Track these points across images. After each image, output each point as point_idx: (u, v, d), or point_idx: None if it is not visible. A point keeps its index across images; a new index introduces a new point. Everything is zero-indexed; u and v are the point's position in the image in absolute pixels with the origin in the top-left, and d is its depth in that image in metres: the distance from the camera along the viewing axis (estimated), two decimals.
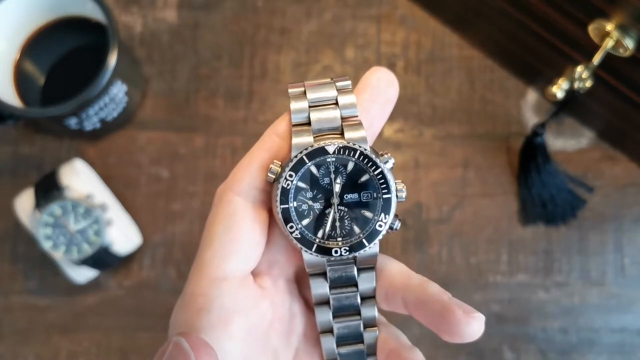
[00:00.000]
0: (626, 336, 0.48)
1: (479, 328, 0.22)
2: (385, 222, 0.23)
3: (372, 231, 0.24)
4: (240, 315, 0.24)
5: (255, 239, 0.24)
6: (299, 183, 0.24)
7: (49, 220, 0.46)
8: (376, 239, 0.24)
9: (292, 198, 0.23)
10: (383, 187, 0.24)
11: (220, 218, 0.24)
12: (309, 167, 0.23)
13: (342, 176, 0.24)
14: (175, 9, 0.53)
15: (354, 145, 0.23)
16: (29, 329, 0.49)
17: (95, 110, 0.46)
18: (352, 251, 0.24)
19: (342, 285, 0.25)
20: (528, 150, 0.49)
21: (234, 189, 0.24)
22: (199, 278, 0.24)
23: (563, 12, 0.40)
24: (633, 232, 0.49)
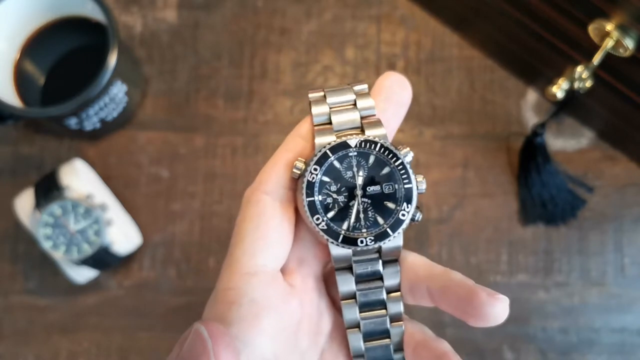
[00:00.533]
0: (626, 336, 0.48)
1: (504, 310, 0.23)
2: (408, 212, 0.24)
3: (395, 221, 0.24)
4: (270, 311, 0.24)
5: (284, 236, 0.25)
6: (324, 177, 0.24)
7: (49, 220, 0.46)
8: (400, 229, 0.24)
9: (317, 191, 0.24)
10: (404, 177, 0.25)
11: (250, 216, 0.25)
12: (332, 161, 0.24)
13: (364, 169, 0.25)
14: (175, 9, 0.53)
15: (375, 139, 0.24)
16: (29, 329, 0.49)
17: (95, 110, 0.46)
18: (377, 240, 0.24)
19: (368, 279, 0.25)
20: (528, 150, 0.49)
21: (261, 188, 0.25)
22: (230, 273, 0.25)
23: (563, 12, 0.40)
24: (633, 232, 0.49)
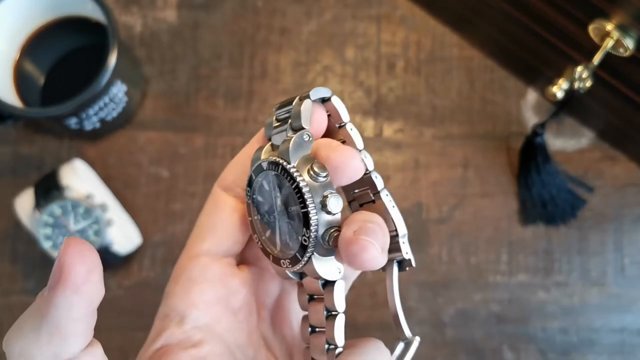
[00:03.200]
0: (626, 336, 0.48)
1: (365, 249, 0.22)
2: (307, 237, 0.22)
3: (300, 246, 0.23)
4: (203, 287, 0.26)
5: (232, 226, 0.26)
6: (258, 197, 0.24)
7: (49, 220, 0.46)
8: (305, 255, 0.23)
9: (256, 212, 0.25)
10: (299, 199, 0.22)
11: (206, 207, 0.27)
12: (261, 182, 0.24)
13: (280, 189, 0.23)
14: (175, 9, 0.53)
15: (278, 159, 0.23)
16: None
17: (95, 110, 0.46)
18: (294, 264, 0.23)
19: (313, 294, 0.25)
20: (528, 150, 0.49)
21: (220, 184, 0.27)
22: (180, 257, 0.27)
23: (563, 12, 0.40)
24: (633, 232, 0.49)
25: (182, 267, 0.27)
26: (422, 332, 0.48)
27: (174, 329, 0.26)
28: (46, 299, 0.21)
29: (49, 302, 0.21)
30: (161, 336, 0.26)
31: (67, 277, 0.21)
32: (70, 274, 0.21)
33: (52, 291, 0.21)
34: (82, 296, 0.21)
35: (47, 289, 0.21)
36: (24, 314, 0.22)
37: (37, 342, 0.21)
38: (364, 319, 0.49)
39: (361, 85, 0.52)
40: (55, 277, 0.21)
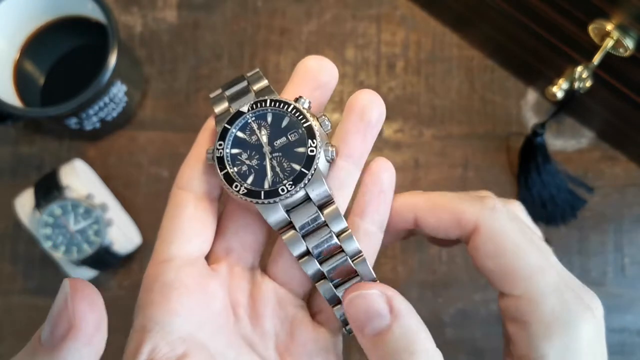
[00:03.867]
0: (626, 336, 0.48)
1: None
2: (314, 146, 0.24)
3: (306, 159, 0.24)
4: (182, 292, 0.24)
5: (199, 225, 0.26)
6: (232, 150, 0.25)
7: (49, 220, 0.46)
8: (313, 164, 0.24)
9: (230, 164, 0.25)
10: (301, 119, 0.25)
11: (167, 211, 0.26)
12: (235, 133, 0.25)
13: (265, 128, 0.25)
14: (175, 9, 0.53)
15: (264, 97, 0.25)
16: (29, 329, 0.49)
17: (95, 110, 0.46)
18: (296, 183, 0.24)
19: (314, 229, 0.25)
20: (528, 150, 0.49)
21: (177, 184, 0.26)
22: (149, 265, 0.26)
23: (563, 12, 0.40)
24: (633, 232, 0.49)
25: (154, 273, 0.25)
26: None
27: (158, 341, 0.24)
28: (53, 349, 0.19)
29: (56, 354, 0.19)
30: (142, 350, 0.24)
31: (79, 328, 0.20)
32: (82, 325, 0.20)
33: (62, 343, 0.19)
34: (92, 348, 0.20)
35: (51, 336, 0.20)
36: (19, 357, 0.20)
37: None
38: None
39: (361, 85, 0.52)
40: (63, 326, 0.20)
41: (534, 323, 0.24)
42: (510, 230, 0.26)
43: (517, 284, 0.25)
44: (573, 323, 0.24)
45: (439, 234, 0.27)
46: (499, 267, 0.25)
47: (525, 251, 0.25)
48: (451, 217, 0.26)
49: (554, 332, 0.24)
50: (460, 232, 0.26)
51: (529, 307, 0.25)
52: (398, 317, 0.23)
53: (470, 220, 0.26)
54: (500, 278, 0.25)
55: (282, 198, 0.24)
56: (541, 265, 0.25)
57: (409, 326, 0.24)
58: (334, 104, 0.51)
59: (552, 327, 0.24)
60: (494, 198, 0.27)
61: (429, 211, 0.26)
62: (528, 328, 0.25)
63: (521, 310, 0.25)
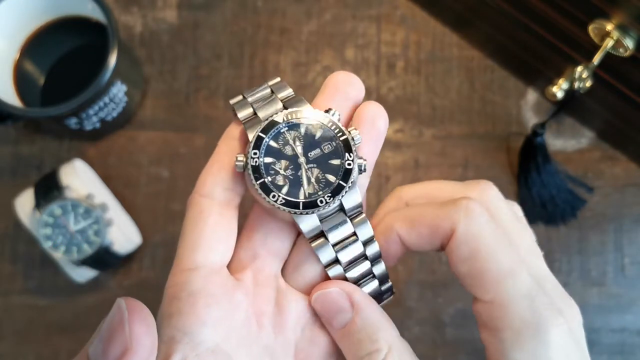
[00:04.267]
0: (626, 336, 0.48)
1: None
2: (352, 160, 0.25)
3: (344, 172, 0.25)
4: (209, 302, 0.24)
5: (223, 233, 0.26)
6: (266, 159, 0.25)
7: (49, 220, 0.46)
8: (351, 177, 0.25)
9: (265, 173, 0.25)
10: (338, 132, 0.25)
11: (188, 218, 0.26)
12: (269, 142, 0.25)
13: (299, 139, 0.25)
14: (175, 9, 0.53)
15: (298, 108, 0.26)
16: (29, 329, 0.49)
17: (95, 110, 0.46)
18: (335, 195, 0.25)
19: (344, 239, 0.26)
20: (528, 150, 0.49)
21: (198, 192, 0.26)
22: (173, 273, 0.25)
23: (563, 12, 0.40)
24: (633, 232, 0.49)
25: (180, 282, 0.25)
26: (422, 332, 0.48)
27: (187, 352, 0.23)
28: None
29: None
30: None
31: (135, 351, 0.20)
32: (138, 348, 0.20)
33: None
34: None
35: (104, 356, 0.20)
36: None
37: None
38: None
39: None
40: (119, 347, 0.20)
41: (504, 329, 0.24)
42: (485, 233, 0.25)
43: (488, 289, 0.25)
44: (543, 329, 0.24)
45: (425, 248, 0.27)
46: (471, 271, 0.25)
47: (498, 254, 0.25)
48: (429, 230, 0.26)
49: (524, 339, 0.24)
50: (440, 241, 0.27)
51: (499, 312, 0.25)
52: (359, 310, 0.25)
53: (446, 227, 0.26)
54: (472, 282, 0.25)
55: (320, 209, 0.25)
56: (513, 268, 0.25)
57: (369, 317, 0.25)
58: None
59: (522, 334, 0.24)
60: (474, 200, 0.27)
61: (409, 230, 0.27)
62: (499, 334, 0.24)
63: (492, 316, 0.25)
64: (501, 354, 0.24)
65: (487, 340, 0.25)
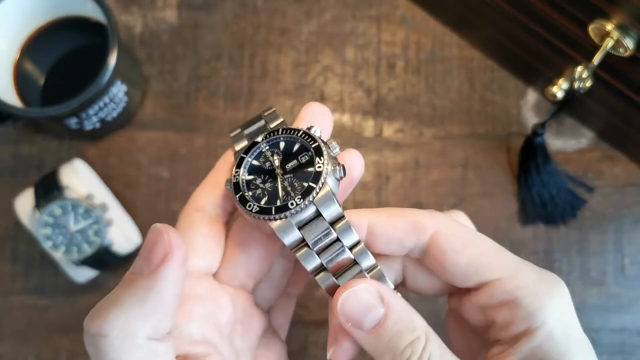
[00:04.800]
0: (626, 336, 0.48)
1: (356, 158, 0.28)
2: (322, 163, 0.25)
3: (314, 175, 0.25)
4: (197, 301, 0.27)
5: (211, 245, 0.28)
6: (248, 176, 0.27)
7: (49, 220, 0.46)
8: (321, 179, 0.25)
9: (245, 188, 0.26)
10: (310, 141, 0.26)
11: (180, 227, 0.28)
12: (251, 161, 0.27)
13: (278, 154, 0.27)
14: (175, 9, 0.53)
15: (277, 127, 0.28)
16: (29, 329, 0.49)
17: (95, 110, 0.46)
18: (305, 196, 0.25)
19: (327, 245, 0.26)
20: (528, 150, 0.49)
21: (191, 205, 0.28)
22: None
23: (563, 12, 0.40)
24: (633, 232, 0.49)
25: None
26: None
27: (179, 341, 0.25)
28: (152, 274, 0.22)
29: (155, 276, 0.22)
30: None
31: (175, 254, 0.23)
32: (176, 252, 0.23)
33: (161, 267, 0.22)
34: (183, 271, 0.23)
35: (148, 264, 0.23)
36: (116, 293, 0.23)
37: (140, 315, 0.22)
38: None
39: (361, 85, 0.52)
40: (160, 254, 0.23)
41: (525, 296, 0.25)
42: (464, 228, 0.27)
43: (493, 267, 0.26)
44: (556, 283, 0.26)
45: (392, 245, 0.27)
46: (470, 258, 0.26)
47: (484, 239, 0.26)
48: (406, 222, 0.26)
49: (544, 297, 0.25)
50: (416, 238, 0.26)
51: (513, 283, 0.25)
52: (390, 303, 0.25)
53: (425, 224, 0.26)
54: (475, 270, 0.26)
55: (292, 212, 0.25)
56: (501, 247, 0.27)
57: (402, 310, 0.25)
58: (334, 104, 0.51)
59: (540, 294, 0.25)
60: None
61: (384, 219, 0.27)
62: (520, 303, 0.25)
63: (506, 289, 0.25)
64: (528, 320, 0.25)
65: (504, 318, 0.26)
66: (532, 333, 0.25)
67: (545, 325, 0.25)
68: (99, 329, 0.22)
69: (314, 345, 0.48)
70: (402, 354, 0.24)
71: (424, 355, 0.24)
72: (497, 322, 0.26)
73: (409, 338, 0.24)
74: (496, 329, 0.26)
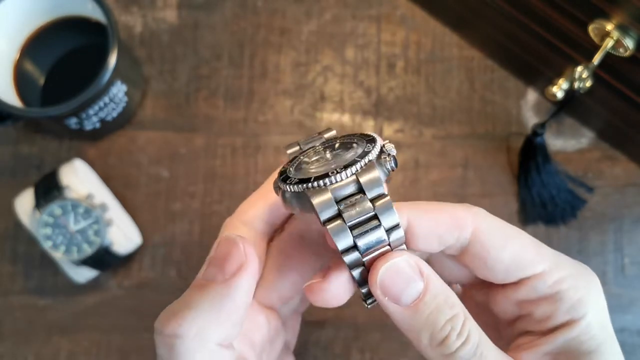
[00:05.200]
0: (626, 336, 0.48)
1: None
2: (372, 148, 0.24)
3: (362, 153, 0.24)
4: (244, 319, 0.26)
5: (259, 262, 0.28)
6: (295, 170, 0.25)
7: (49, 220, 0.46)
8: (367, 157, 0.23)
9: (292, 171, 0.25)
10: (365, 136, 0.25)
11: None
12: (302, 158, 0.26)
13: (331, 150, 0.26)
14: (175, 9, 0.53)
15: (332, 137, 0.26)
16: (29, 329, 0.49)
17: (95, 110, 0.46)
18: (347, 167, 0.23)
19: (362, 222, 0.23)
20: (528, 150, 0.49)
21: (240, 218, 0.28)
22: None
23: (563, 12, 0.40)
24: (633, 232, 0.49)
25: None
26: None
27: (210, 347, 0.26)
28: (228, 282, 0.23)
29: (231, 284, 0.23)
30: None
31: (249, 264, 0.23)
32: (251, 262, 0.23)
33: (236, 276, 0.23)
34: (255, 280, 0.24)
35: (222, 273, 0.23)
36: (190, 297, 0.23)
37: (215, 321, 0.22)
38: (364, 320, 0.49)
39: (361, 85, 0.52)
40: (235, 263, 0.23)
41: (568, 289, 0.25)
42: (502, 221, 0.26)
43: (536, 262, 0.25)
44: (592, 275, 0.26)
45: (431, 241, 0.26)
46: (514, 254, 0.25)
47: (522, 233, 0.26)
48: (448, 217, 0.25)
49: (584, 290, 0.25)
50: (458, 233, 0.25)
51: (554, 277, 0.25)
52: (429, 277, 0.24)
53: (466, 220, 0.25)
54: (517, 265, 0.25)
55: (332, 181, 0.23)
56: (536, 240, 0.26)
57: (440, 283, 0.24)
58: (334, 104, 0.51)
59: (580, 286, 0.25)
60: None
61: (424, 212, 0.25)
62: (563, 296, 0.25)
63: (548, 283, 0.25)
64: (571, 312, 0.25)
65: (546, 311, 0.26)
66: (571, 325, 0.25)
67: (586, 317, 0.25)
68: (176, 330, 0.22)
69: (314, 345, 0.48)
70: (441, 330, 0.23)
71: (464, 332, 0.23)
72: (534, 315, 0.26)
73: (448, 314, 0.23)
74: (531, 322, 0.26)
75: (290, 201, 0.24)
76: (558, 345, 0.25)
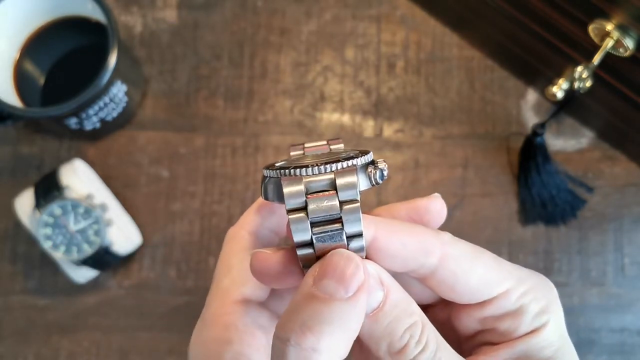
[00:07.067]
0: (626, 336, 0.48)
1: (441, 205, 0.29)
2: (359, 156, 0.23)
3: (346, 157, 0.23)
4: (262, 332, 0.26)
5: None
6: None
7: (49, 220, 0.46)
8: (351, 161, 0.23)
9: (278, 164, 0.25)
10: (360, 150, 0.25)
11: (235, 251, 0.27)
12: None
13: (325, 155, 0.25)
14: (175, 9, 0.53)
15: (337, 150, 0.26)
16: (29, 329, 0.49)
17: (95, 110, 0.46)
18: (327, 164, 0.22)
19: (325, 222, 0.23)
20: (528, 150, 0.49)
21: (245, 228, 0.27)
22: (222, 302, 0.27)
23: (563, 12, 0.40)
24: (633, 232, 0.49)
25: (234, 312, 0.27)
26: None
27: None
28: (351, 300, 0.22)
29: (354, 303, 0.22)
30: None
31: (368, 282, 0.23)
32: (369, 280, 0.23)
33: (358, 293, 0.22)
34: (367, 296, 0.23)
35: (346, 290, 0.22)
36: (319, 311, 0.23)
37: (345, 337, 0.22)
38: None
39: (361, 85, 0.52)
40: (357, 281, 0.22)
41: (530, 302, 0.25)
42: (466, 244, 0.26)
43: (500, 281, 0.26)
44: (548, 283, 0.26)
45: (395, 262, 0.25)
46: (481, 276, 0.25)
47: (484, 252, 0.26)
48: (416, 242, 0.25)
49: (545, 300, 0.26)
50: (423, 260, 0.25)
51: (517, 292, 0.26)
52: (389, 286, 0.24)
53: (434, 247, 0.25)
54: (487, 286, 0.26)
55: (308, 172, 0.22)
56: (497, 257, 0.27)
57: (400, 291, 0.24)
58: (334, 104, 0.51)
59: (540, 297, 0.26)
60: None
61: (393, 232, 0.25)
62: (525, 310, 0.25)
63: (512, 300, 0.26)
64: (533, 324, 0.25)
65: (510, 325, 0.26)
66: (532, 334, 0.25)
67: (547, 326, 0.25)
68: (315, 345, 0.22)
69: None
70: (400, 339, 0.23)
71: (422, 340, 0.23)
72: (497, 330, 0.26)
73: (407, 322, 0.23)
74: (494, 335, 0.26)
75: (267, 188, 0.24)
76: (517, 352, 0.25)
